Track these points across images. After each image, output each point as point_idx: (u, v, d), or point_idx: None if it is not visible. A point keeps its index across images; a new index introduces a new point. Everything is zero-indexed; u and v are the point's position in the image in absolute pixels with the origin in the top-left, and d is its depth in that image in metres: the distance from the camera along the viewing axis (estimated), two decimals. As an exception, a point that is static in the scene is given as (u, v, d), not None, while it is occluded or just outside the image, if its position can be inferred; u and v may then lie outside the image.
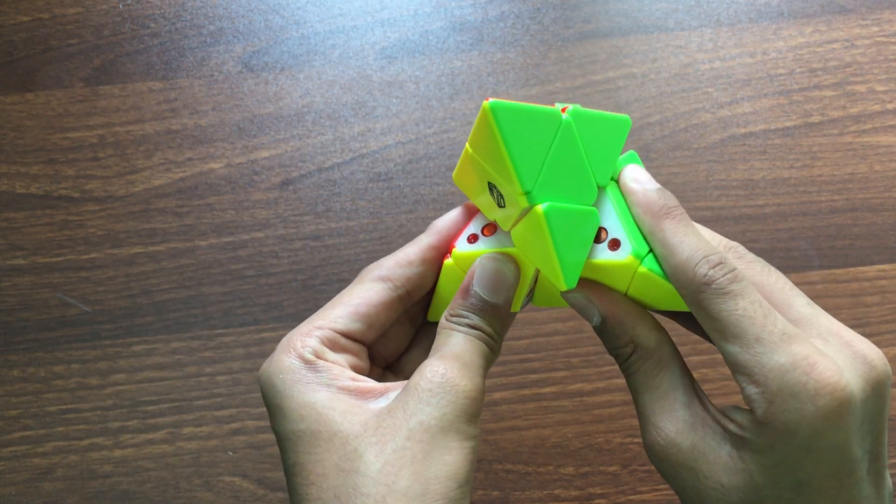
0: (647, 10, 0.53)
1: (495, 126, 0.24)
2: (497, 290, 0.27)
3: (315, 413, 0.25)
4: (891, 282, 0.49)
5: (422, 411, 0.24)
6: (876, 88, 0.52)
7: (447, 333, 0.27)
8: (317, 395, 0.25)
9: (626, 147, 0.51)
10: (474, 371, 0.26)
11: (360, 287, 0.29)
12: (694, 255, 0.26)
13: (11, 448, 0.47)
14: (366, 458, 0.24)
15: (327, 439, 0.25)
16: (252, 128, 0.52)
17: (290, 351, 0.27)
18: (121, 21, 0.54)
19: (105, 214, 0.51)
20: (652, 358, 0.27)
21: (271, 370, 0.27)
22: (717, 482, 0.26)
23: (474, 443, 0.25)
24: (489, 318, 0.27)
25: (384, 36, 0.53)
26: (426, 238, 0.30)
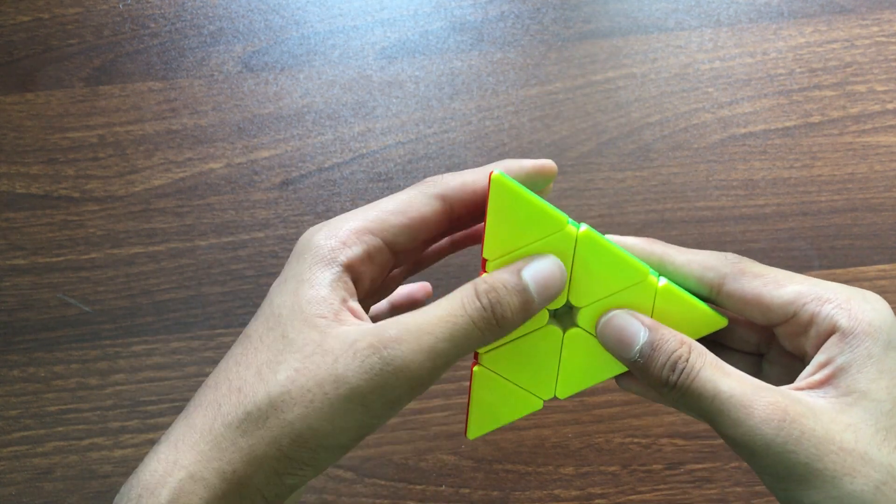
0: (647, 10, 0.53)
1: (513, 184, 0.26)
2: (545, 289, 0.27)
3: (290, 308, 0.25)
4: (891, 282, 0.49)
5: (345, 369, 0.24)
6: (876, 88, 0.52)
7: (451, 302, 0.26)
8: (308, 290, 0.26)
9: (626, 147, 0.51)
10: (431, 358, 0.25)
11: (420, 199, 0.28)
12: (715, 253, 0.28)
13: (11, 448, 0.47)
14: (278, 376, 0.24)
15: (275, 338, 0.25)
16: (252, 128, 0.52)
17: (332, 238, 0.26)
18: (121, 21, 0.54)
19: (105, 214, 0.51)
20: (707, 352, 0.27)
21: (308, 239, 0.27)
22: (844, 423, 0.25)
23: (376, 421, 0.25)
24: (519, 305, 0.26)
25: (384, 36, 0.53)
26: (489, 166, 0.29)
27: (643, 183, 0.50)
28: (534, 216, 0.26)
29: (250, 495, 0.25)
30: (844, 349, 0.26)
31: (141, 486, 0.25)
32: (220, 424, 0.25)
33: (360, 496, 0.47)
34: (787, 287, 0.27)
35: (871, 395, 0.25)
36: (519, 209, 0.26)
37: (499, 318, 0.26)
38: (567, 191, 0.50)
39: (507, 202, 0.26)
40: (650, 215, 0.50)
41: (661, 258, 0.29)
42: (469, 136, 0.51)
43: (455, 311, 0.25)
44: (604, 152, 0.51)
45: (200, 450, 0.25)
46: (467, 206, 0.28)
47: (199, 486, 0.24)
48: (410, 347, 0.24)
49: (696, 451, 0.47)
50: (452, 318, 0.25)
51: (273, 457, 0.24)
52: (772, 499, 0.47)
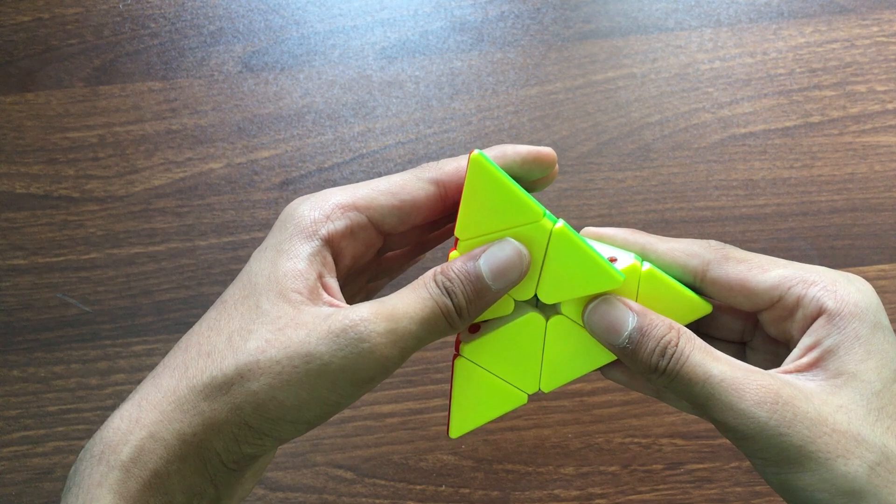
0: (647, 10, 0.53)
1: (491, 167, 0.25)
2: (501, 275, 0.26)
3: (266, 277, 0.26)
4: (891, 282, 0.49)
5: (316, 345, 0.24)
6: (876, 88, 0.52)
7: (417, 287, 0.26)
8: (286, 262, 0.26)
9: (626, 147, 0.51)
10: (402, 339, 0.25)
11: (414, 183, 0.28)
12: (698, 241, 0.28)
13: (11, 448, 0.47)
14: (249, 345, 0.25)
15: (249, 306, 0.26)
16: (252, 128, 0.52)
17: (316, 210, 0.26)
18: (121, 21, 0.54)
19: (105, 214, 0.51)
20: (696, 337, 0.27)
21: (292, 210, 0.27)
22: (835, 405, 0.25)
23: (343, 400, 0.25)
24: (474, 294, 0.26)
25: (384, 36, 0.53)
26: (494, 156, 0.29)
27: (643, 183, 0.50)
28: (509, 203, 0.26)
29: (209, 458, 0.25)
30: (832, 331, 0.26)
31: (104, 444, 0.25)
32: (185, 387, 0.25)
33: (360, 496, 0.47)
34: (771, 271, 0.27)
35: (861, 376, 0.25)
36: (495, 193, 0.26)
37: (456, 305, 0.26)
38: (567, 191, 0.50)
39: (484, 184, 0.26)
40: (650, 215, 0.50)
41: (643, 248, 0.29)
42: (469, 136, 0.51)
43: (422, 295, 0.26)
44: (604, 152, 0.51)
45: (163, 410, 0.25)
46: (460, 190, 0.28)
47: (160, 445, 0.24)
48: (385, 327, 0.24)
49: (696, 451, 0.47)
50: (421, 303, 0.25)
51: (233, 423, 0.24)
52: (772, 499, 0.47)
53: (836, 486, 0.24)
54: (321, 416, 0.25)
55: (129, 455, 0.24)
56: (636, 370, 0.28)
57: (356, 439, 0.47)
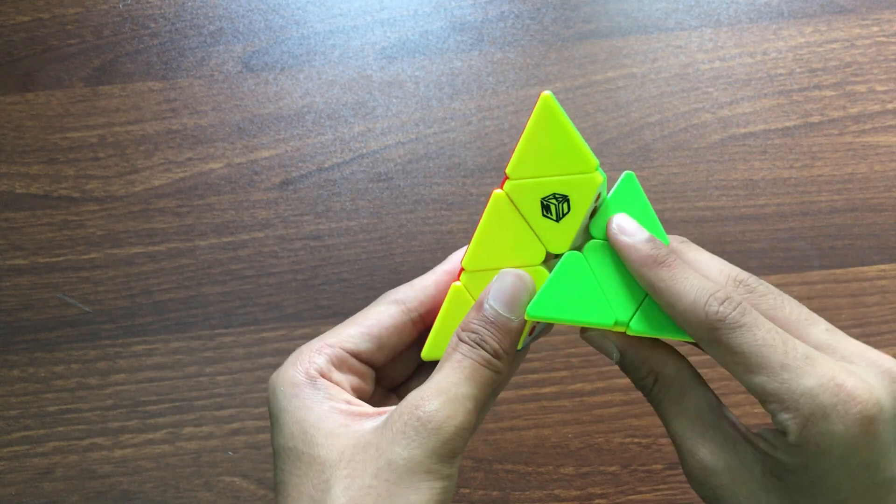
0: (647, 10, 0.53)
1: (559, 110, 0.26)
2: (514, 305, 0.27)
3: (302, 432, 0.26)
4: (891, 282, 0.49)
5: (391, 450, 0.25)
6: (876, 88, 0.52)
7: (449, 356, 0.27)
8: (309, 412, 0.26)
9: (626, 147, 0.51)
10: (460, 404, 0.25)
11: (375, 309, 0.29)
12: (700, 296, 0.26)
13: (11, 448, 0.47)
14: (334, 491, 0.24)
15: (307, 463, 0.25)
16: (252, 128, 0.52)
17: (297, 365, 0.27)
18: (121, 21, 0.54)
19: (105, 214, 0.51)
20: (674, 385, 0.28)
21: (277, 381, 0.27)
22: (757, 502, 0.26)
23: (447, 483, 0.25)
24: (503, 335, 0.27)
25: (384, 36, 0.53)
26: (442, 265, 0.30)
27: (643, 183, 0.50)
28: (568, 150, 0.26)
29: None
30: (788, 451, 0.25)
31: None
32: None
33: (360, 496, 0.47)
34: (755, 376, 0.25)
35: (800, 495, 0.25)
36: (557, 137, 0.26)
37: (491, 351, 0.27)
38: (567, 191, 0.50)
39: (548, 126, 0.26)
40: (650, 215, 0.50)
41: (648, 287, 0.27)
42: (469, 136, 0.51)
43: (457, 359, 0.26)
44: (604, 152, 0.51)
45: None
46: (423, 303, 0.29)
47: None
48: (440, 402, 0.25)
49: (696, 451, 0.47)
50: (460, 366, 0.26)
51: None
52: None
53: None
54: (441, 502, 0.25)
55: None
56: None
57: (356, 439, 0.47)
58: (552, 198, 0.27)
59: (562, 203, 0.27)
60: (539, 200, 0.27)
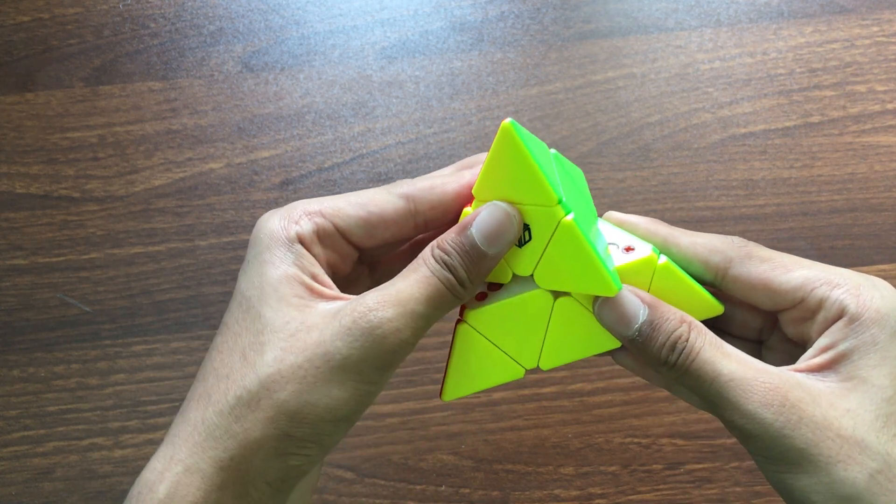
0: (647, 10, 0.53)
1: (519, 139, 0.25)
2: (494, 239, 0.26)
3: (260, 286, 0.26)
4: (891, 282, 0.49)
5: (332, 343, 0.24)
6: (876, 88, 0.52)
7: (413, 266, 0.26)
8: (274, 269, 0.26)
9: (626, 147, 0.51)
10: (413, 320, 0.25)
11: (382, 195, 0.28)
12: (720, 236, 0.28)
13: (11, 448, 0.47)
14: (266, 357, 0.25)
15: (253, 318, 0.25)
16: (252, 128, 0.52)
17: (285, 218, 0.27)
18: (121, 21, 0.54)
19: (105, 214, 0.51)
20: (708, 332, 0.27)
21: (262, 224, 0.27)
22: (843, 409, 0.25)
23: (373, 388, 0.25)
24: (470, 262, 0.26)
25: (384, 36, 0.53)
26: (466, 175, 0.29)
27: (643, 183, 0.50)
28: (528, 181, 0.26)
29: (252, 480, 0.25)
30: (849, 334, 0.26)
31: (141, 484, 0.25)
32: (212, 413, 0.25)
33: (360, 496, 0.47)
34: (795, 272, 0.27)
35: (873, 381, 0.25)
36: (517, 166, 0.26)
37: (458, 278, 0.26)
38: (567, 191, 0.50)
39: (509, 154, 0.26)
40: (650, 215, 0.50)
41: (664, 239, 0.29)
42: (469, 136, 0.51)
43: (424, 274, 0.26)
44: (604, 152, 0.51)
45: (195, 441, 0.25)
46: (434, 208, 0.28)
47: (196, 477, 0.24)
48: (394, 312, 0.25)
49: (696, 451, 0.47)
50: (424, 281, 0.26)
51: (272, 436, 0.24)
52: (772, 499, 0.47)
53: (833, 490, 0.24)
54: (356, 408, 0.25)
55: (165, 492, 0.24)
56: (646, 362, 0.28)
57: (356, 439, 0.47)
58: None
59: (524, 231, 0.27)
60: None
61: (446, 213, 0.28)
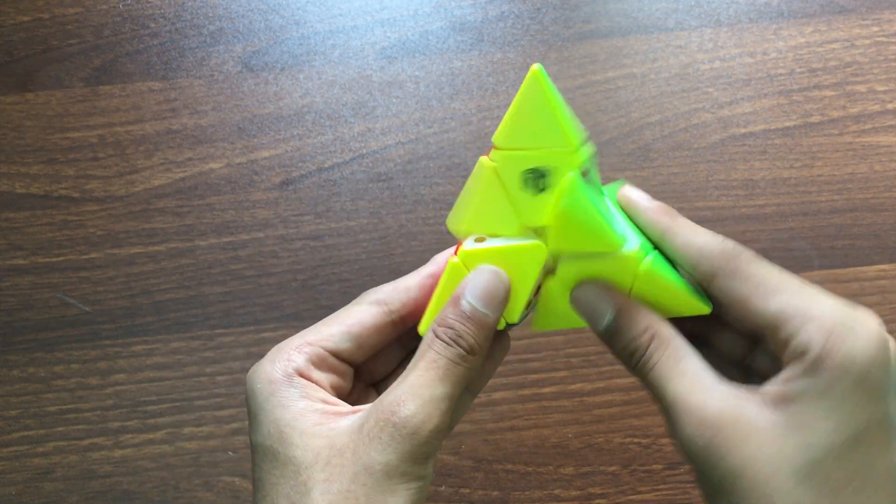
0: (647, 10, 0.53)
1: (546, 85, 0.26)
2: (491, 301, 0.27)
3: (278, 431, 0.26)
4: (891, 282, 0.49)
5: (368, 455, 0.25)
6: (876, 88, 0.52)
7: (420, 354, 0.27)
8: (285, 410, 0.26)
9: (626, 147, 0.51)
10: (435, 406, 0.26)
11: (356, 308, 0.29)
12: (714, 237, 0.28)
13: (11, 448, 0.47)
14: (313, 494, 0.25)
15: (283, 463, 0.26)
16: (252, 128, 0.52)
17: (275, 362, 0.27)
18: (121, 21, 0.54)
19: (105, 214, 0.51)
20: (672, 343, 0.27)
21: (254, 377, 0.27)
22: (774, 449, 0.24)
23: (423, 482, 0.26)
24: (479, 330, 0.27)
25: (384, 36, 0.53)
26: (426, 268, 0.30)
27: (643, 183, 0.50)
28: (550, 125, 0.26)
29: None
30: (809, 374, 0.25)
31: None
32: None
33: (360, 496, 0.47)
34: (775, 297, 0.26)
35: (813, 431, 0.24)
36: (541, 112, 0.26)
37: (466, 347, 0.27)
38: (567, 191, 0.51)
39: (535, 100, 0.26)
40: (650, 215, 0.50)
41: (662, 232, 0.29)
42: (469, 136, 0.51)
43: (432, 357, 0.26)
44: (604, 152, 0.51)
45: None
46: (405, 304, 0.29)
47: None
48: (415, 405, 0.25)
49: (696, 451, 0.47)
50: (434, 365, 0.26)
51: None
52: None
53: None
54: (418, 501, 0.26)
55: None
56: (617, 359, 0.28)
57: (356, 439, 0.47)
58: (531, 172, 0.27)
59: (541, 178, 0.27)
60: (520, 174, 0.27)
61: (417, 306, 0.29)
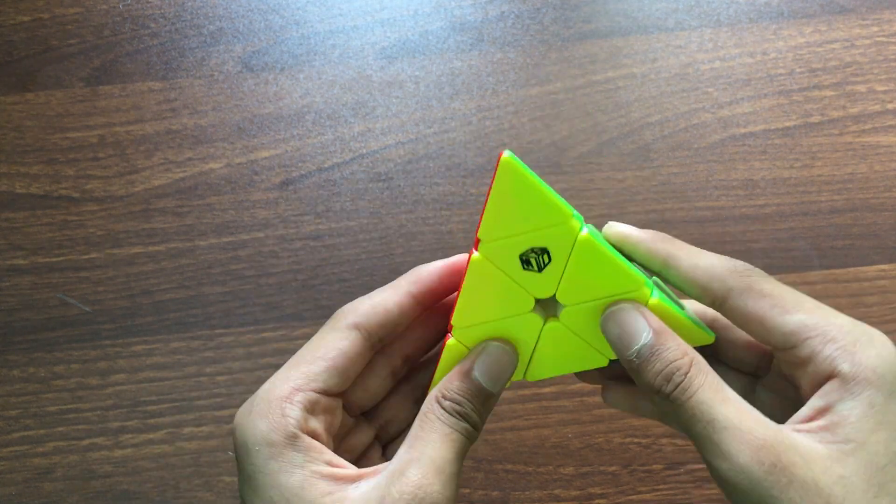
0: (647, 10, 0.53)
1: (521, 168, 0.25)
2: (498, 378, 0.27)
3: (284, 500, 0.25)
4: (891, 282, 0.49)
5: None
6: (876, 88, 0.52)
7: (431, 424, 0.26)
8: (290, 477, 0.25)
9: (626, 147, 0.51)
10: (449, 475, 0.25)
11: (334, 336, 0.28)
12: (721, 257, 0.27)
13: (11, 448, 0.47)
14: None
15: None
16: (252, 128, 0.52)
17: (270, 417, 0.26)
18: (121, 21, 0.54)
19: (105, 214, 0.51)
20: (710, 370, 0.26)
21: (248, 434, 0.26)
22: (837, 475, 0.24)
23: None
24: (480, 406, 0.27)
25: (384, 36, 0.53)
26: (406, 283, 0.29)
27: (643, 183, 0.50)
28: (538, 205, 0.26)
29: None
30: (845, 396, 0.24)
31: None
32: None
33: (360, 496, 0.46)
34: (792, 315, 0.26)
35: (869, 448, 0.24)
36: (524, 195, 0.26)
37: (472, 423, 0.27)
38: (567, 191, 0.50)
39: (513, 185, 0.25)
40: (650, 215, 0.50)
41: (665, 260, 0.28)
42: (469, 136, 0.51)
43: (444, 432, 0.26)
44: (604, 152, 0.51)
45: None
46: (384, 326, 0.28)
47: None
48: (440, 483, 0.25)
49: (696, 451, 0.47)
50: (447, 438, 0.26)
51: None
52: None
53: None
54: None
55: None
56: (640, 387, 0.27)
57: (356, 439, 0.47)
58: (531, 252, 0.27)
59: (541, 255, 0.27)
60: (518, 256, 0.27)
61: (396, 327, 0.29)
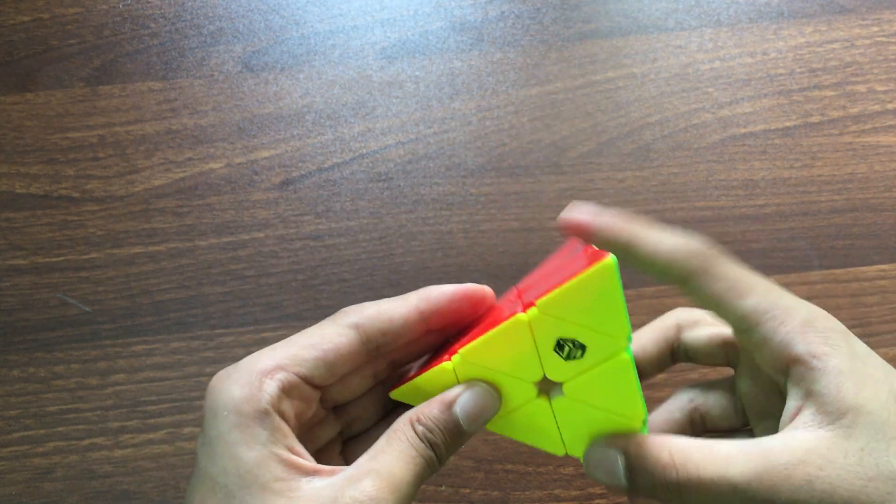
0: (647, 10, 0.53)
1: (617, 278, 0.25)
2: (476, 419, 0.27)
3: (237, 473, 0.24)
4: (891, 282, 0.49)
5: None
6: (876, 88, 0.52)
7: (399, 444, 0.26)
8: (249, 451, 0.25)
9: (626, 147, 0.51)
10: (404, 496, 0.25)
11: (331, 329, 0.28)
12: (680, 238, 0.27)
13: (11, 448, 0.47)
14: None
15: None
16: (252, 128, 0.52)
17: (247, 387, 0.25)
18: (121, 21, 0.54)
19: (105, 214, 0.51)
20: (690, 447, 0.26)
21: (219, 397, 0.26)
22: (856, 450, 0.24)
23: None
24: (451, 440, 0.27)
25: (384, 36, 0.53)
26: (415, 299, 0.29)
27: (643, 183, 0.50)
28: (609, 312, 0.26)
29: None
30: (817, 375, 0.25)
31: None
32: None
33: (360, 496, 0.46)
34: (745, 299, 0.26)
35: (865, 408, 0.24)
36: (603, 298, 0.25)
37: (438, 455, 0.27)
38: (567, 191, 0.50)
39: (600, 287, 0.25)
40: (650, 215, 0.50)
41: (626, 246, 0.27)
42: (469, 136, 0.51)
43: (410, 454, 0.26)
44: (604, 152, 0.51)
45: None
46: (385, 334, 0.28)
47: None
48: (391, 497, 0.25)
49: (696, 451, 0.47)
50: (412, 462, 0.26)
51: None
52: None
53: None
54: None
55: None
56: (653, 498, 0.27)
57: (356, 439, 0.47)
58: (571, 342, 0.27)
59: (577, 349, 0.27)
60: (556, 338, 0.27)
61: (396, 338, 0.28)
